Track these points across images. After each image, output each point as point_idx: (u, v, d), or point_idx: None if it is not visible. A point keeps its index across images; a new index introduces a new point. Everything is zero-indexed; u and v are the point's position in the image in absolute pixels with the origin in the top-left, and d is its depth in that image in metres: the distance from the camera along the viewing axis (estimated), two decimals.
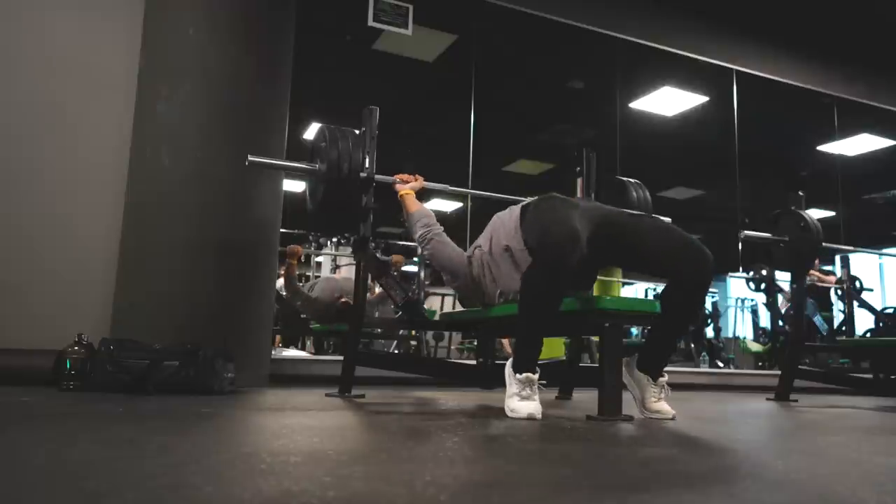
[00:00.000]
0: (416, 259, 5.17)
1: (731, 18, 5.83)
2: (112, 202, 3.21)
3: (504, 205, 2.48)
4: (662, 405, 2.10)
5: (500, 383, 2.10)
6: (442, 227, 2.47)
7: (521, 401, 1.92)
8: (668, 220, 2.56)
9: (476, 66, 5.38)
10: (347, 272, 6.12)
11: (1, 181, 3.18)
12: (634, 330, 6.82)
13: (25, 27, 3.32)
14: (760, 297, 6.97)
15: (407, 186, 2.64)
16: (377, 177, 2.64)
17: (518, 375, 1.96)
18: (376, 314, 4.49)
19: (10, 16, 3.31)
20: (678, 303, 2.12)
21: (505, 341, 5.06)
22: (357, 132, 2.63)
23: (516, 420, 1.89)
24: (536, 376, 1.97)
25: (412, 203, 2.59)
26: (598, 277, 4.15)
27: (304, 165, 2.66)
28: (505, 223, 2.29)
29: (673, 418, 2.08)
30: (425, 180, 2.73)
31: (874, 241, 7.85)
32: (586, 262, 2.04)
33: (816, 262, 6.25)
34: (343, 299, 4.35)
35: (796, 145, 7.82)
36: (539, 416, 1.87)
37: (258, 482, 0.93)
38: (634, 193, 2.94)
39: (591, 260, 2.08)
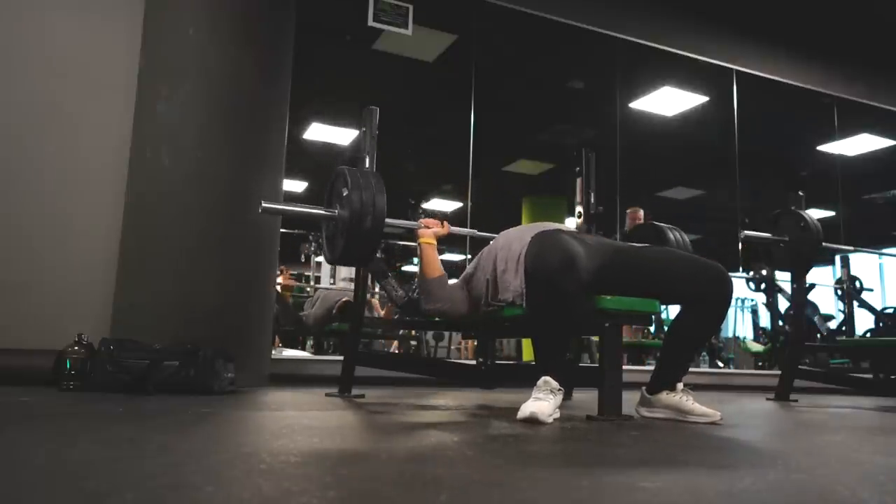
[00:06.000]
0: (415, 260, 5.17)
1: (731, 18, 5.83)
2: (112, 202, 3.21)
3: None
4: (706, 409, 2.08)
5: (500, 383, 2.10)
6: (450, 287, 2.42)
7: (531, 402, 1.92)
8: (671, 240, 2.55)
9: (476, 66, 5.37)
10: (347, 271, 6.13)
11: (1, 181, 3.18)
12: None
13: (25, 27, 3.32)
14: (760, 297, 6.96)
15: (430, 232, 2.49)
16: (401, 222, 2.54)
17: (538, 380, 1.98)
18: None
19: (10, 16, 3.31)
20: (702, 324, 2.15)
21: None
22: (378, 175, 2.44)
23: (518, 420, 1.89)
24: (552, 379, 1.95)
25: (431, 262, 2.43)
26: None
27: (321, 211, 2.42)
28: (512, 248, 2.24)
29: (721, 420, 2.05)
30: (440, 221, 2.59)
31: (874, 241, 7.84)
32: (599, 292, 2.06)
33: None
34: (344, 299, 4.37)
35: (796, 145, 7.81)
36: (542, 416, 1.86)
37: (258, 482, 0.93)
38: (672, 237, 2.89)
39: (604, 290, 2.08)
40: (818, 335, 5.79)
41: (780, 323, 6.29)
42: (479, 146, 5.23)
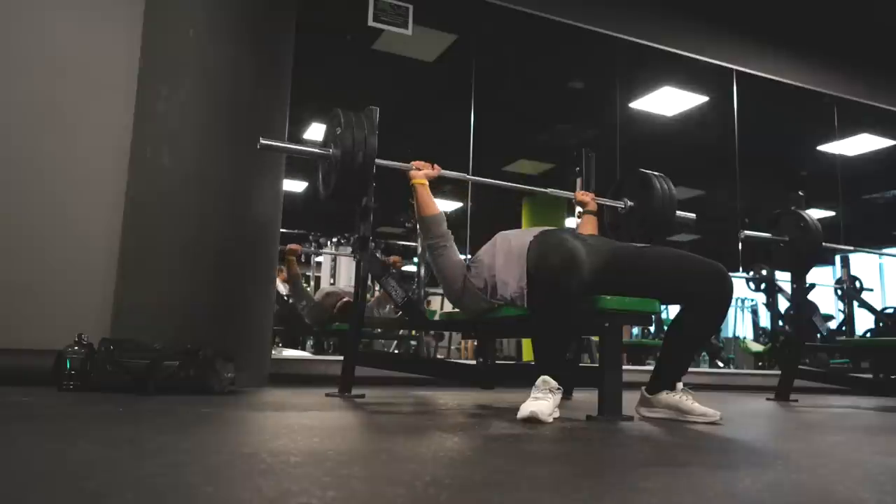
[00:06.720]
0: (415, 259, 5.17)
1: (731, 18, 5.83)
2: (112, 202, 3.21)
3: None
4: (706, 409, 2.08)
5: (500, 383, 2.10)
6: (451, 234, 2.42)
7: (531, 401, 1.92)
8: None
9: (476, 66, 5.38)
10: (347, 274, 6.13)
11: (1, 181, 3.18)
12: (635, 330, 6.82)
13: (25, 27, 3.32)
14: (760, 297, 6.96)
15: (421, 174, 2.51)
16: (391, 163, 2.56)
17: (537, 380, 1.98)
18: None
19: (10, 16, 3.31)
20: (701, 323, 2.14)
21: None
22: (373, 116, 2.57)
23: (518, 420, 1.89)
24: (550, 379, 1.95)
25: (426, 200, 2.45)
26: None
27: (316, 150, 2.58)
28: (512, 248, 2.22)
29: (721, 420, 2.05)
30: (431, 163, 2.61)
31: (874, 241, 7.84)
32: (599, 292, 2.05)
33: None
34: (344, 299, 4.37)
35: (796, 145, 7.82)
36: (541, 415, 1.85)
37: (258, 482, 0.93)
38: (658, 185, 2.90)
39: (604, 290, 2.07)
40: (818, 335, 5.78)
41: (780, 323, 6.28)
42: (479, 146, 5.23)
